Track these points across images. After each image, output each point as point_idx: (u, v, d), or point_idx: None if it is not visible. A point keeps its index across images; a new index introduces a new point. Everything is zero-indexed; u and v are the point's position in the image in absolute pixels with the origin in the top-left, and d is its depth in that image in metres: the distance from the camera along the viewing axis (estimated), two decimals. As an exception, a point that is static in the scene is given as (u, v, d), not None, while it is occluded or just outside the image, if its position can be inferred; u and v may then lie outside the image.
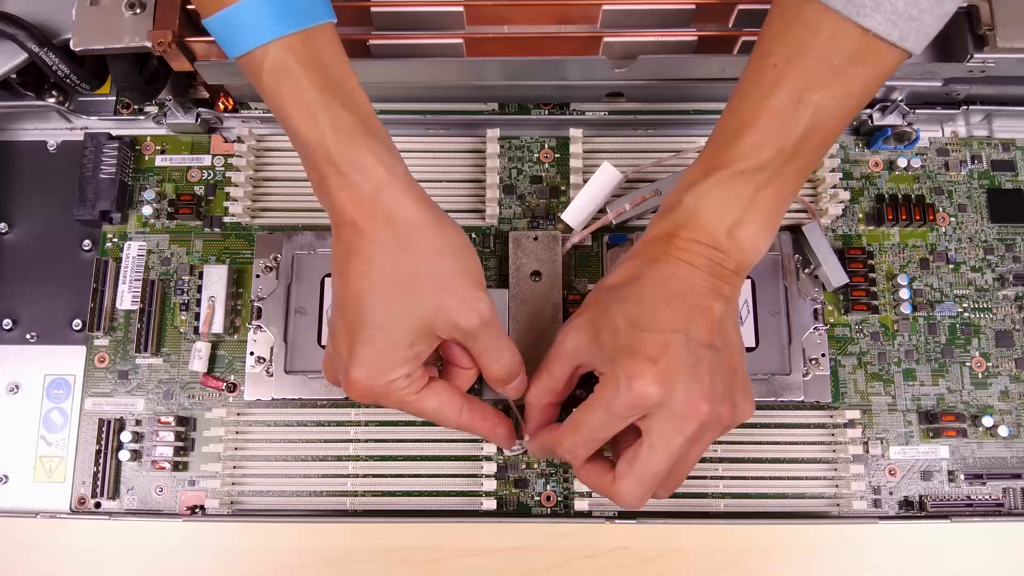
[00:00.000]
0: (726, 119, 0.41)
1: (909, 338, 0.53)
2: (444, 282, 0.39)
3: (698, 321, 0.39)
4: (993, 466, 0.52)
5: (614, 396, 0.38)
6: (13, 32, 0.49)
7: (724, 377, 0.39)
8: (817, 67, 0.37)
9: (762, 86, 0.39)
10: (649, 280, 0.40)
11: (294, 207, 0.55)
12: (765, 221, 0.40)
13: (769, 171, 0.39)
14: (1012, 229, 0.55)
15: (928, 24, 0.37)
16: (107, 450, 0.51)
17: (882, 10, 0.36)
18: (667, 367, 0.37)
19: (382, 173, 0.39)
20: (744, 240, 0.39)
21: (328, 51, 0.39)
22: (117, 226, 0.55)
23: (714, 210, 0.39)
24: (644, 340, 0.38)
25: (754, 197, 0.39)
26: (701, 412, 0.38)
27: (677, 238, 0.40)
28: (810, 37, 0.37)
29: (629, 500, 0.40)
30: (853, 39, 0.37)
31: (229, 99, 0.56)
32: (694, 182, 0.40)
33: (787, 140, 0.38)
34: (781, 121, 0.38)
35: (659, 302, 0.39)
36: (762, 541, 0.49)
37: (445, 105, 0.56)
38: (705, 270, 0.39)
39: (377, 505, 0.50)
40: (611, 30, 0.49)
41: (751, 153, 0.39)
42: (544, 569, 0.49)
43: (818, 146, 0.39)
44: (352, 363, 0.39)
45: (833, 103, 0.38)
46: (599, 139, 0.56)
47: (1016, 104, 0.56)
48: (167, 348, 0.53)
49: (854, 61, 0.37)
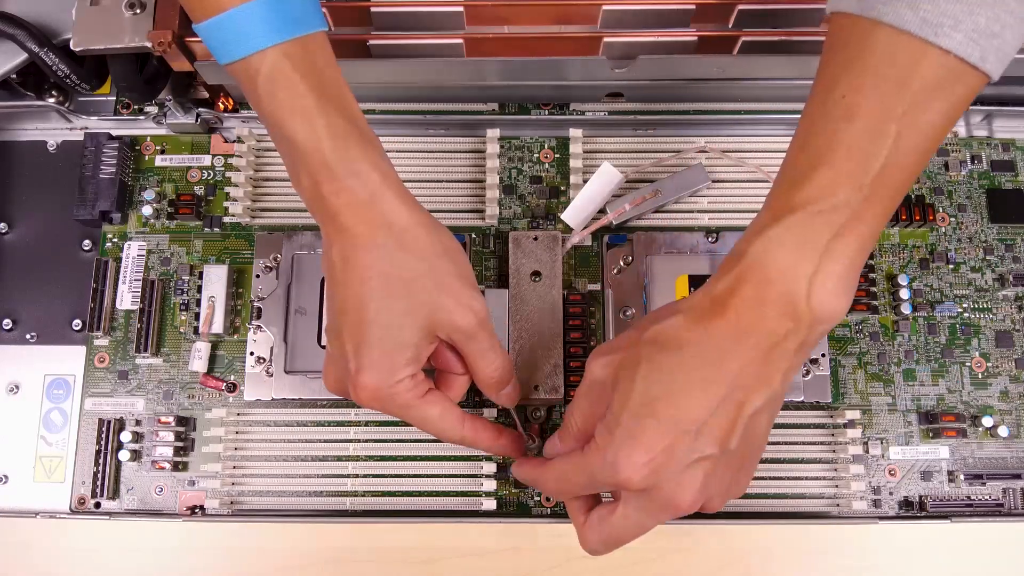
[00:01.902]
0: (792, 159, 0.36)
1: (909, 338, 0.53)
2: (441, 283, 0.40)
3: (721, 416, 0.35)
4: (993, 466, 0.52)
5: (599, 469, 0.37)
6: (13, 32, 0.49)
7: (724, 475, 0.37)
8: (894, 95, 0.33)
9: (831, 119, 0.34)
10: (690, 354, 0.35)
11: (294, 207, 0.55)
12: (845, 275, 0.34)
13: (848, 212, 0.34)
14: (1012, 229, 0.55)
15: (1008, 42, 0.33)
16: (107, 450, 0.51)
17: (963, 28, 0.32)
18: (659, 461, 0.35)
19: (377, 178, 0.39)
20: (821, 300, 0.34)
21: (322, 59, 0.39)
22: (117, 226, 0.55)
23: (786, 259, 0.34)
24: (647, 428, 0.35)
25: (832, 245, 0.34)
26: (680, 508, 0.36)
27: (740, 297, 0.34)
28: (884, 64, 0.33)
29: (590, 549, 0.40)
30: (932, 63, 0.33)
31: (229, 99, 0.56)
32: (763, 228, 0.35)
33: (866, 176, 0.34)
34: (859, 156, 0.34)
35: (687, 387, 0.35)
36: (762, 541, 0.49)
37: (445, 105, 0.56)
38: (762, 350, 0.34)
39: (377, 505, 0.50)
40: (611, 30, 0.49)
41: (826, 192, 0.34)
42: (544, 569, 0.49)
43: (899, 186, 0.35)
44: (360, 368, 0.39)
45: (913, 133, 0.34)
46: (599, 139, 0.56)
47: (1016, 104, 0.56)
48: (167, 348, 0.53)
49: (933, 87, 0.33)
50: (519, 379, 0.48)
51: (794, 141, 0.36)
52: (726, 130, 0.56)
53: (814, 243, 0.34)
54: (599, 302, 0.53)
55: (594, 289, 0.54)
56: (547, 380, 0.49)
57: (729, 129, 0.56)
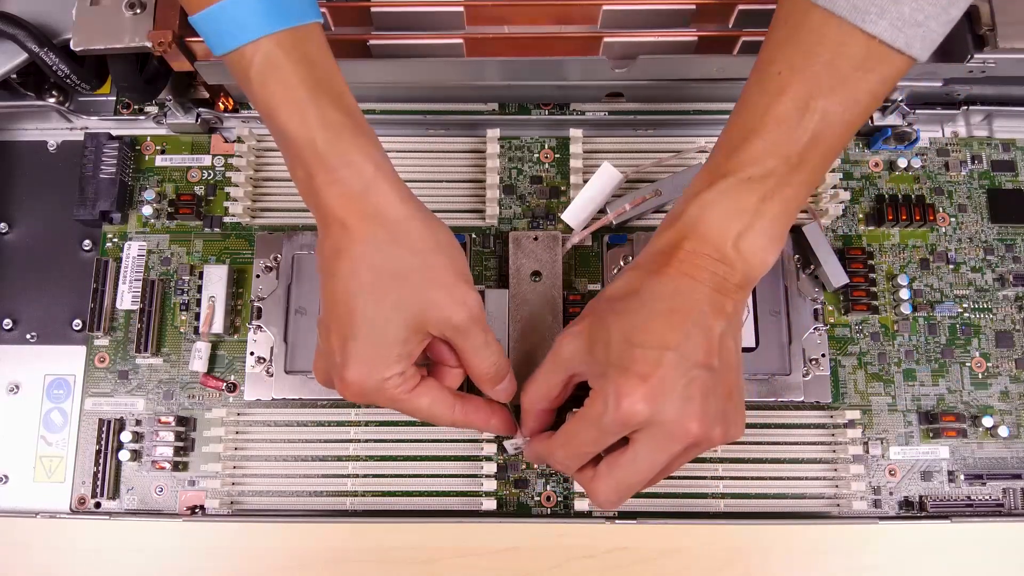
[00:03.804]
0: (730, 127, 0.40)
1: (909, 338, 0.53)
2: (434, 278, 0.40)
3: (696, 339, 0.38)
4: (993, 466, 0.52)
5: (603, 413, 0.38)
6: (13, 32, 0.49)
7: (718, 398, 0.38)
8: (823, 73, 0.37)
9: (767, 93, 0.38)
10: (648, 294, 0.39)
11: (294, 207, 0.55)
12: (772, 232, 0.38)
13: (775, 179, 0.38)
14: (1012, 229, 0.55)
15: (933, 30, 0.37)
16: (107, 450, 0.51)
17: (888, 16, 0.35)
18: (657, 386, 0.37)
19: (370, 170, 0.39)
20: (750, 252, 0.38)
21: (316, 50, 0.39)
22: (117, 226, 0.55)
23: (719, 220, 0.38)
24: (636, 356, 0.37)
25: (760, 207, 0.38)
26: (690, 434, 0.37)
27: (680, 250, 0.39)
28: (815, 43, 0.37)
29: (603, 501, 0.40)
30: (859, 45, 0.36)
31: (229, 99, 0.56)
32: (698, 191, 0.39)
33: (793, 147, 0.37)
34: (787, 128, 0.37)
35: (656, 317, 0.38)
36: (762, 541, 0.49)
37: (445, 105, 0.56)
38: (708, 285, 0.38)
39: (377, 505, 0.50)
40: (611, 30, 0.49)
41: (757, 160, 0.38)
42: (544, 569, 0.49)
43: (825, 155, 0.39)
44: (346, 362, 0.39)
45: (840, 110, 0.37)
46: (599, 139, 0.56)
47: (1016, 104, 0.56)
48: (167, 348, 0.53)
49: (860, 67, 0.37)
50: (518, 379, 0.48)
51: (734, 112, 0.40)
52: (726, 130, 0.56)
53: (743, 205, 0.38)
54: (599, 302, 0.53)
55: (594, 289, 0.53)
56: (547, 380, 0.49)
57: (729, 129, 0.56)
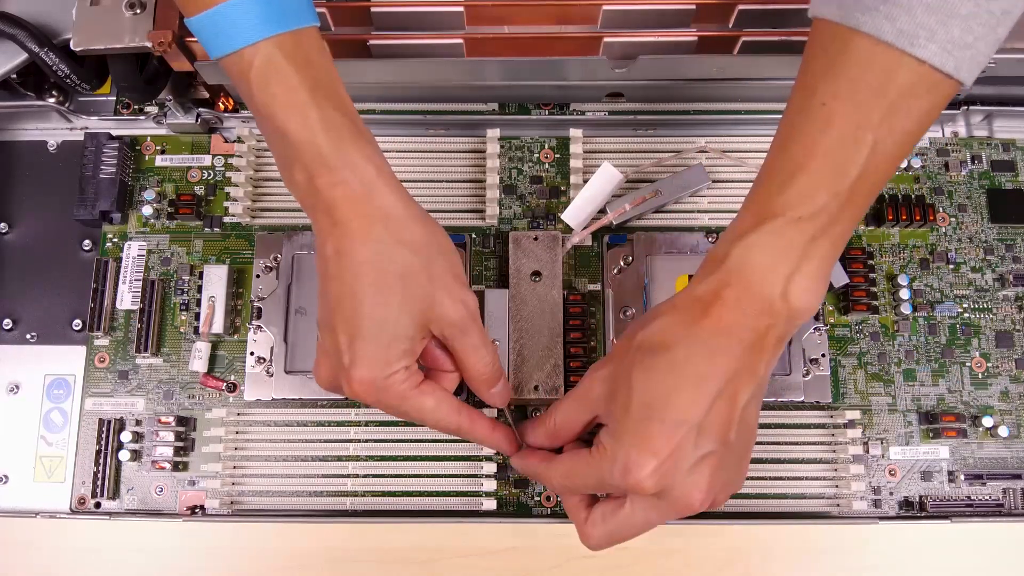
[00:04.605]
0: (772, 163, 0.37)
1: (909, 338, 0.53)
2: (435, 277, 0.40)
3: (718, 412, 0.36)
4: (993, 466, 0.52)
5: (609, 474, 0.37)
6: (13, 32, 0.49)
7: (728, 470, 0.37)
8: (871, 103, 0.34)
9: (812, 125, 0.36)
10: (681, 353, 0.36)
11: (294, 207, 0.55)
12: (820, 274, 0.36)
13: (825, 217, 0.35)
14: (1012, 229, 0.55)
15: (981, 52, 0.34)
16: (107, 450, 0.51)
17: (937, 39, 0.33)
18: (669, 463, 0.36)
19: (372, 172, 0.39)
20: (797, 298, 0.36)
21: (315, 53, 0.39)
22: (117, 226, 0.55)
23: (766, 265, 0.36)
24: (653, 432, 0.36)
25: (809, 248, 0.36)
26: (692, 507, 0.37)
27: (721, 300, 0.36)
28: (862, 72, 0.34)
29: (592, 545, 0.40)
30: (908, 72, 0.34)
31: (229, 99, 0.56)
32: (743, 233, 0.36)
33: (844, 183, 0.35)
34: (836, 162, 0.35)
35: (682, 388, 0.36)
36: (762, 541, 0.49)
37: (445, 105, 0.56)
38: (745, 344, 0.36)
39: (377, 505, 0.50)
40: (611, 30, 0.49)
41: (806, 198, 0.35)
42: (544, 569, 0.49)
43: (873, 188, 0.36)
44: (355, 361, 0.39)
45: (889, 140, 0.35)
46: (599, 139, 0.56)
47: (1016, 104, 0.56)
48: (167, 348, 0.53)
49: (909, 95, 0.34)
50: (518, 379, 0.49)
51: (774, 144, 0.38)
52: (726, 130, 0.56)
53: (792, 247, 0.36)
54: (599, 302, 0.53)
55: (594, 289, 0.54)
56: (547, 380, 0.49)
57: (729, 129, 0.56)
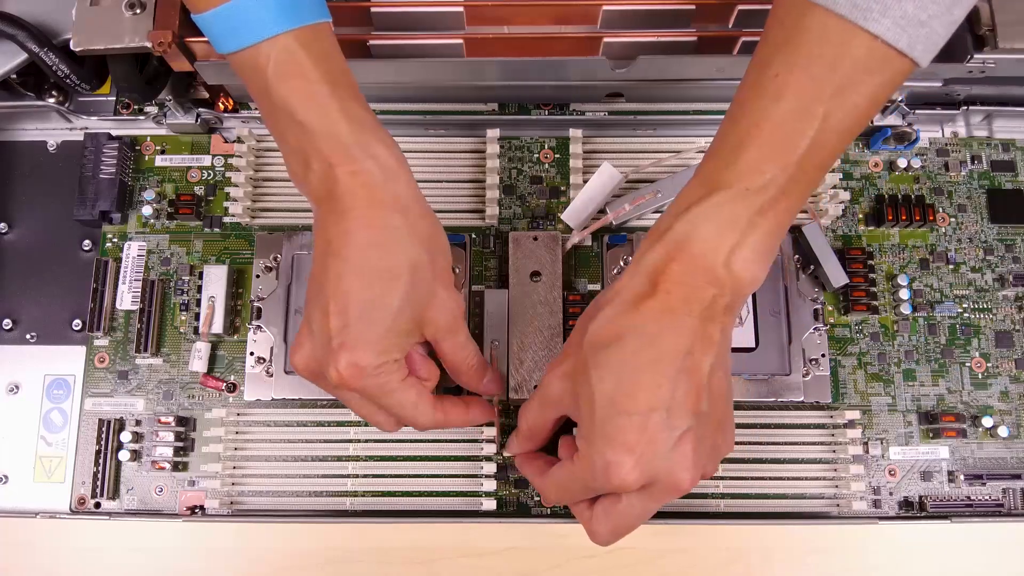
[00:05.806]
0: (725, 134, 0.37)
1: (909, 338, 0.53)
2: (438, 275, 0.41)
3: (683, 387, 0.36)
4: (993, 467, 0.52)
5: (593, 478, 0.37)
6: (13, 32, 0.49)
7: (708, 438, 0.37)
8: (823, 76, 0.34)
9: (764, 97, 0.35)
10: (632, 340, 0.36)
11: (294, 207, 0.55)
12: (765, 247, 0.36)
13: (773, 189, 0.35)
14: (1012, 229, 0.55)
15: (937, 32, 0.34)
16: (107, 450, 0.51)
17: (891, 15, 0.33)
18: (646, 452, 0.35)
19: (393, 162, 0.40)
20: (742, 270, 0.36)
21: (331, 47, 0.40)
22: (117, 226, 0.55)
23: (711, 237, 0.36)
24: (622, 425, 0.35)
25: (754, 220, 0.36)
26: (681, 486, 0.37)
27: (666, 275, 0.36)
28: (815, 45, 0.34)
29: (602, 541, 0.40)
30: (861, 46, 0.34)
31: (229, 99, 0.56)
32: (689, 204, 0.37)
33: (792, 155, 0.35)
34: (786, 134, 0.35)
35: (640, 372, 0.36)
36: (762, 541, 0.49)
37: (445, 105, 0.56)
38: (695, 315, 0.36)
39: (377, 505, 0.50)
40: (611, 30, 0.49)
41: (754, 170, 0.35)
42: (544, 569, 0.49)
43: (823, 163, 0.36)
44: (347, 344, 0.38)
45: (840, 114, 0.35)
46: (599, 139, 0.56)
47: (1016, 104, 0.56)
48: (167, 348, 0.53)
49: (862, 70, 0.34)
50: (519, 378, 0.49)
51: (727, 116, 0.38)
52: (726, 130, 0.56)
53: (738, 219, 0.36)
54: (599, 302, 0.53)
55: (594, 289, 0.54)
56: (547, 380, 0.49)
57: (729, 129, 0.56)
